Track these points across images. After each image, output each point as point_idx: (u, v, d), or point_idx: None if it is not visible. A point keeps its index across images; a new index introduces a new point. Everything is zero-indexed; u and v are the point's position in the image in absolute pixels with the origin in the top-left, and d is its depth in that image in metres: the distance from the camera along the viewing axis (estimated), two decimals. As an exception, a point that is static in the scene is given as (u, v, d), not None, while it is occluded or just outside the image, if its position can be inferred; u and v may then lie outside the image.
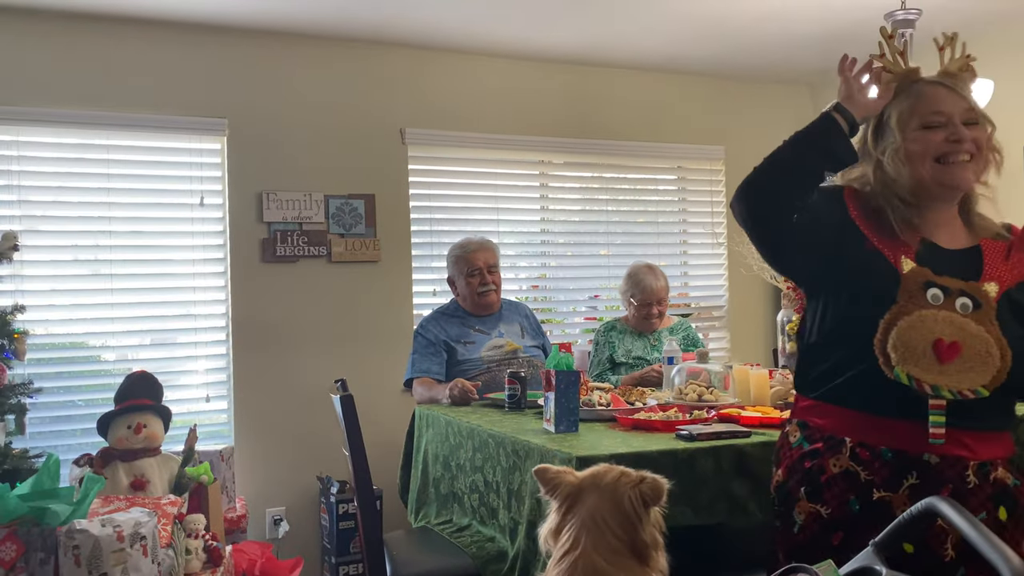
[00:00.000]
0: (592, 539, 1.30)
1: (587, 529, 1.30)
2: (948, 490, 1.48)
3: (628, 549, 1.31)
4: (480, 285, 3.22)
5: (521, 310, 3.45)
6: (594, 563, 1.29)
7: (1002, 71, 3.68)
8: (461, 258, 3.27)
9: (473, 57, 4.12)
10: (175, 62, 3.59)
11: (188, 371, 3.68)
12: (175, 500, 2.43)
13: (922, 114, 1.62)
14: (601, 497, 1.38)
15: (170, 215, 3.63)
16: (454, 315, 3.28)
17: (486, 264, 3.24)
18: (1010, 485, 1.51)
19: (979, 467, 1.50)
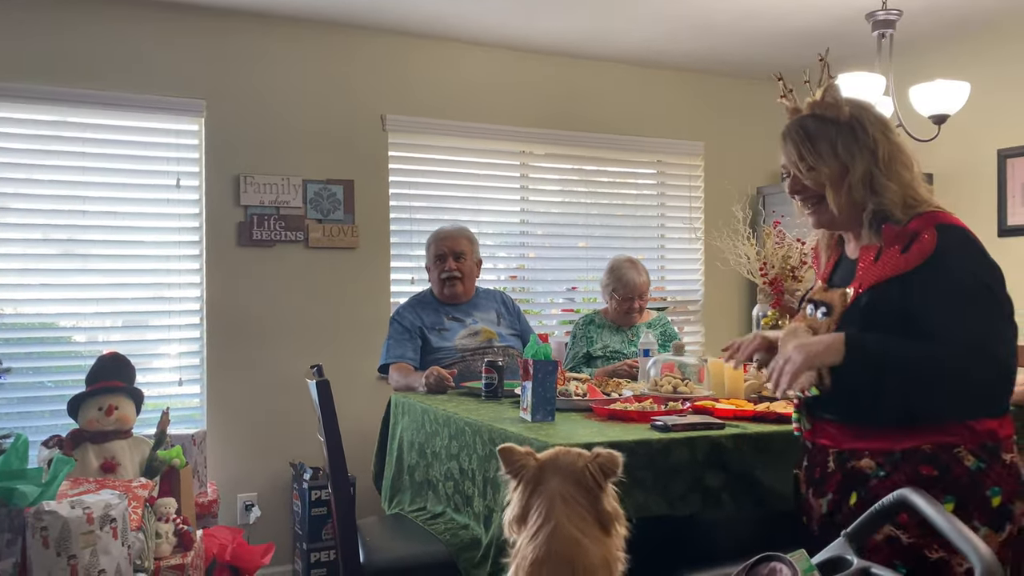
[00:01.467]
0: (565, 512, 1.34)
1: (558, 504, 1.35)
2: (818, 471, 1.72)
3: (594, 520, 1.37)
4: (443, 272, 3.22)
5: (497, 297, 3.43)
6: (571, 533, 1.32)
7: (978, 74, 3.73)
8: (431, 244, 3.30)
9: (457, 45, 4.11)
10: (155, 42, 3.54)
11: (161, 354, 3.64)
12: (146, 483, 2.41)
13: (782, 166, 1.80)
14: (563, 475, 1.45)
15: (146, 196, 3.58)
16: (429, 303, 3.27)
17: (451, 251, 3.23)
18: (870, 474, 1.59)
19: (838, 455, 1.67)
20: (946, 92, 3.02)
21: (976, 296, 1.55)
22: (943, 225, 1.59)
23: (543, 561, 1.31)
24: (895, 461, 1.57)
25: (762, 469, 2.02)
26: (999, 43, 3.88)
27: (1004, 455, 1.57)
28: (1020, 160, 3.78)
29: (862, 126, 1.69)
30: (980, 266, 1.58)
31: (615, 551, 1.41)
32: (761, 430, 2.05)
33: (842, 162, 1.67)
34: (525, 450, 1.51)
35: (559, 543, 1.32)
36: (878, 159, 1.67)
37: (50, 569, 1.93)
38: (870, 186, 1.67)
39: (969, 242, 1.60)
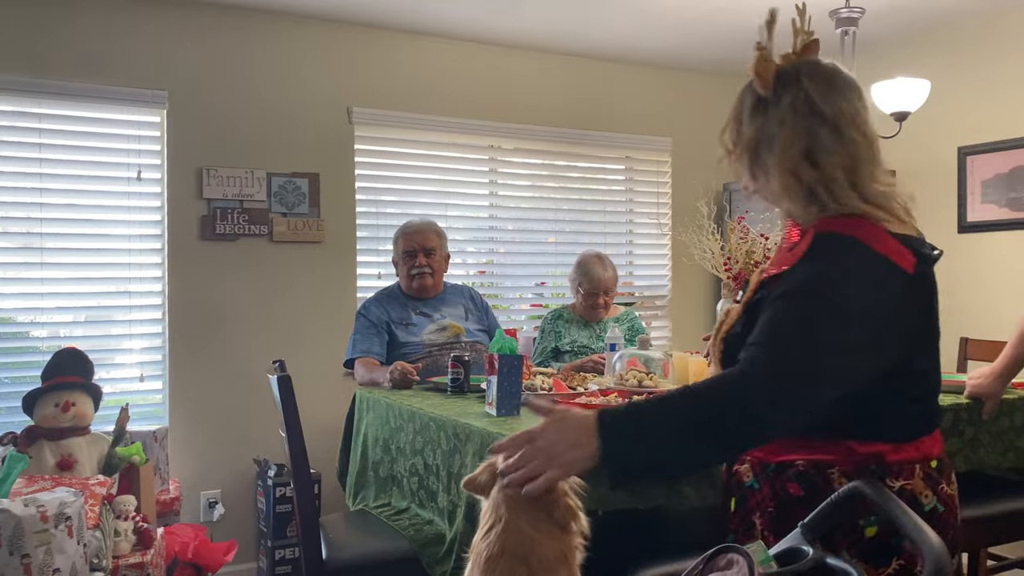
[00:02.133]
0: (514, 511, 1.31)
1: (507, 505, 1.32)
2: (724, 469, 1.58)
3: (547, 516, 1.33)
4: (413, 268, 3.19)
5: (465, 292, 3.41)
6: (519, 526, 1.30)
7: (939, 72, 3.79)
8: (399, 239, 3.26)
9: (425, 38, 4.08)
10: (116, 31, 3.47)
11: (122, 350, 3.58)
12: (104, 481, 2.37)
13: None
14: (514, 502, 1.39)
15: (106, 189, 3.51)
16: (396, 297, 3.25)
17: (421, 246, 3.20)
18: (746, 483, 1.46)
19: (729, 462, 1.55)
20: (907, 89, 3.06)
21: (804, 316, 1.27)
22: (826, 235, 1.35)
23: (497, 557, 1.30)
24: (768, 474, 1.42)
25: (724, 462, 2.03)
26: (959, 43, 3.95)
27: (892, 482, 1.34)
28: (980, 157, 3.85)
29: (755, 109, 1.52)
30: (832, 280, 1.29)
31: (572, 545, 1.39)
32: (724, 423, 2.06)
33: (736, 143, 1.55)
34: (482, 467, 1.49)
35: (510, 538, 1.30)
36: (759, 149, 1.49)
37: (3, 568, 1.88)
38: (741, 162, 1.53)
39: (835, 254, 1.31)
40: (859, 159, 1.41)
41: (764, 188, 1.47)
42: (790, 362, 1.24)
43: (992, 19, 3.82)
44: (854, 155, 1.41)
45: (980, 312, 3.62)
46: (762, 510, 1.42)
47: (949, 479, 1.40)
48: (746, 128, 1.48)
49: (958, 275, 3.80)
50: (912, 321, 1.34)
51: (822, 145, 1.40)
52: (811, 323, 1.26)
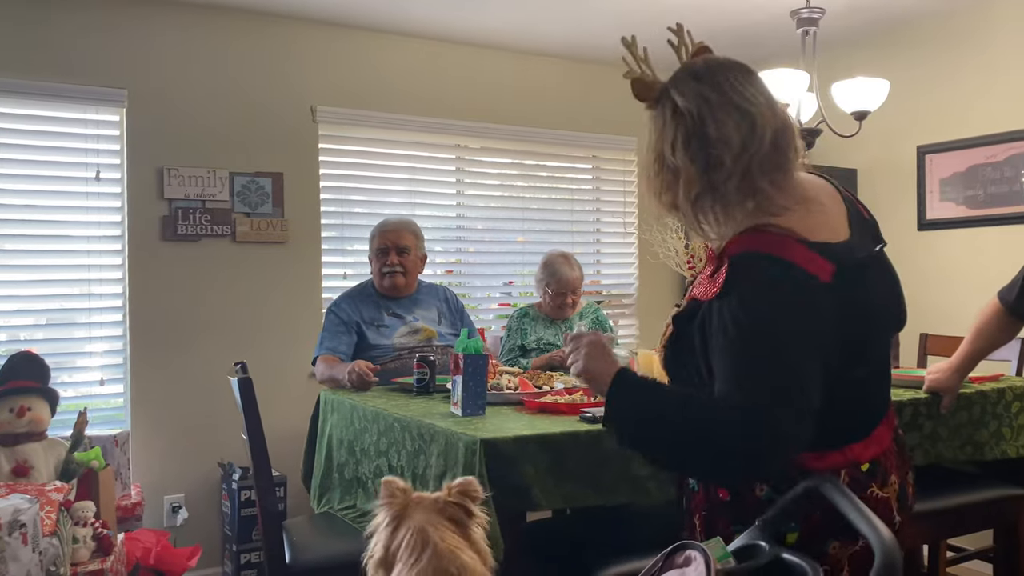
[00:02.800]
0: (439, 535, 1.33)
1: (429, 530, 1.34)
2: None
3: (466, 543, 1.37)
4: (385, 266, 3.15)
5: (440, 294, 3.35)
6: (451, 548, 1.32)
7: (898, 72, 3.85)
8: (374, 236, 3.22)
9: (390, 36, 4.05)
10: (73, 28, 3.40)
11: (82, 353, 3.51)
12: (61, 487, 2.32)
13: None
14: (427, 510, 1.45)
15: (64, 189, 3.44)
16: (369, 295, 3.19)
17: (395, 244, 3.16)
18: (689, 486, 1.48)
19: None
20: (867, 89, 3.10)
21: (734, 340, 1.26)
22: (741, 256, 1.30)
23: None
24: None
25: (688, 459, 2.04)
26: (918, 43, 4.01)
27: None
28: (938, 156, 3.92)
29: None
30: (752, 304, 1.26)
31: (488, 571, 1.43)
32: (687, 420, 2.07)
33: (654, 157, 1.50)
34: (404, 486, 1.51)
35: (444, 560, 1.31)
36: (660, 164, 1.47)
37: (-46, 578, 1.84)
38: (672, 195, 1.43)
39: (757, 279, 1.27)
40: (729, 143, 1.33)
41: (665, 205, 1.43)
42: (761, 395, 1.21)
43: (950, 19, 3.89)
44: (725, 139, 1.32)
45: (940, 308, 3.68)
46: (699, 512, 1.43)
47: (883, 482, 1.36)
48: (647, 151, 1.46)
49: (918, 272, 3.86)
50: (836, 328, 1.28)
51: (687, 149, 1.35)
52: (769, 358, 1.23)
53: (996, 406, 2.52)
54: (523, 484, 1.89)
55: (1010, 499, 2.57)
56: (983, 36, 3.77)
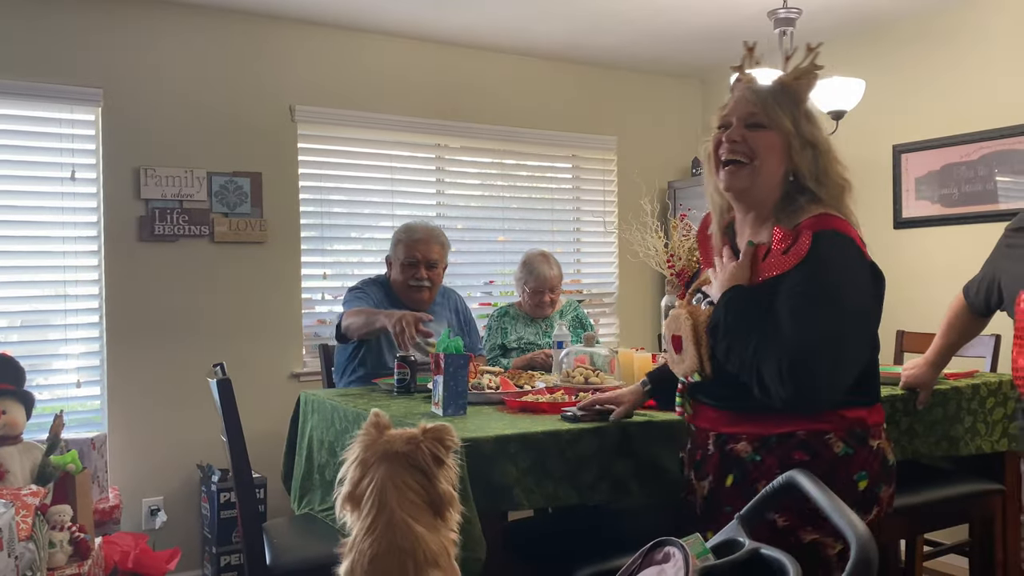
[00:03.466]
0: (398, 499, 1.32)
1: (390, 491, 1.33)
2: (699, 453, 1.75)
3: (426, 504, 1.35)
4: (412, 279, 3.04)
5: (452, 303, 3.29)
6: (405, 521, 1.31)
7: (874, 72, 3.89)
8: (402, 243, 3.08)
9: (369, 36, 4.04)
10: (48, 26, 3.36)
11: (58, 355, 3.47)
12: (37, 491, 2.29)
13: (720, 114, 1.72)
14: (396, 459, 1.42)
15: (38, 189, 3.40)
16: (387, 293, 3.11)
17: (425, 258, 3.05)
18: (746, 458, 1.63)
19: (717, 438, 1.69)
20: (843, 89, 3.13)
21: (822, 303, 1.52)
22: (823, 232, 1.57)
23: (384, 555, 1.29)
24: (770, 446, 1.60)
25: (668, 457, 2.05)
26: (894, 44, 4.05)
27: (871, 441, 1.62)
28: (914, 155, 3.96)
29: (813, 114, 1.70)
30: (837, 275, 1.55)
31: (450, 536, 1.41)
32: (668, 419, 2.08)
33: (795, 132, 1.63)
34: (385, 423, 1.48)
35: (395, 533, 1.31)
36: (819, 145, 1.66)
37: (-73, 585, 1.81)
38: (815, 169, 1.64)
39: (841, 252, 1.57)
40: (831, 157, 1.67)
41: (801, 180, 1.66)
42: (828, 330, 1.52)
43: (925, 20, 3.93)
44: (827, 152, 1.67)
45: (915, 305, 3.72)
46: (769, 478, 1.49)
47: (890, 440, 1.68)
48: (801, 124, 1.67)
49: (894, 270, 3.86)
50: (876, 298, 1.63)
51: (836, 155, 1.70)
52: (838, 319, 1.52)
53: (971, 402, 2.55)
54: (504, 484, 1.89)
55: (985, 493, 2.60)
56: (958, 37, 3.82)
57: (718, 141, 1.68)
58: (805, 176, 1.64)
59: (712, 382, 1.66)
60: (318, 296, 3.99)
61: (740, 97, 1.68)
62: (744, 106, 1.65)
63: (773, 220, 1.65)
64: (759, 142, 1.63)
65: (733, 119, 1.66)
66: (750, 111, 1.64)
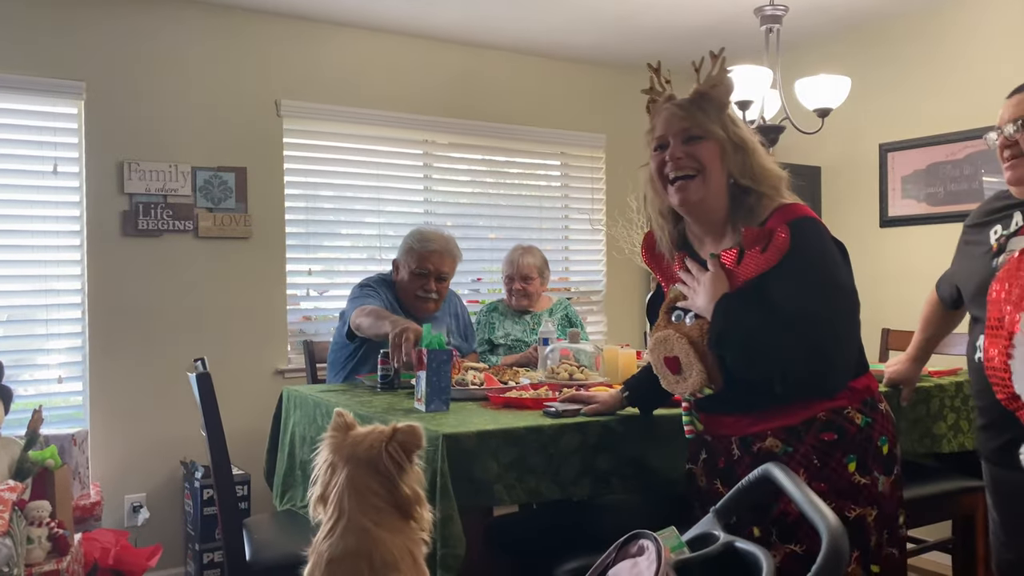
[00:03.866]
0: (355, 503, 1.32)
1: (349, 494, 1.33)
2: (722, 461, 1.75)
3: (391, 507, 1.35)
4: (421, 290, 3.02)
5: (452, 308, 3.27)
6: (362, 525, 1.31)
7: (860, 70, 3.90)
8: (415, 252, 3.04)
9: (355, 30, 4.02)
10: (30, 18, 3.33)
11: (39, 350, 3.44)
12: (15, 486, 2.27)
13: (653, 136, 1.78)
14: (358, 463, 1.41)
15: (19, 183, 3.37)
16: (391, 290, 3.08)
17: (436, 271, 3.02)
18: (778, 452, 1.64)
19: (741, 441, 1.71)
20: (829, 86, 3.13)
21: (823, 285, 1.61)
22: (795, 221, 1.63)
23: (339, 559, 1.29)
24: (798, 434, 1.63)
25: (651, 453, 2.05)
26: (880, 42, 4.06)
27: (880, 405, 1.70)
28: (900, 154, 3.97)
29: (736, 116, 1.76)
30: (825, 257, 1.64)
31: (417, 537, 1.40)
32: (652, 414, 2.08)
33: (728, 137, 1.69)
34: (349, 422, 1.48)
35: (353, 537, 1.30)
36: (747, 145, 1.71)
37: (-101, 580, 1.79)
38: (750, 169, 1.69)
39: (818, 235, 1.65)
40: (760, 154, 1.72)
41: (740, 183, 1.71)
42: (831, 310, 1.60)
43: (912, 20, 3.94)
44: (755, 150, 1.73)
45: (901, 303, 3.73)
46: (806, 466, 1.60)
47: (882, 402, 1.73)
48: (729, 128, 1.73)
49: (880, 268, 3.91)
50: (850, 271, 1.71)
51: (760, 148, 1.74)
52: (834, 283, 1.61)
53: (954, 400, 2.56)
54: (485, 480, 1.88)
55: (968, 491, 2.61)
56: (943, 36, 3.83)
57: (661, 161, 1.74)
58: (743, 177, 1.69)
59: (726, 394, 1.68)
60: (303, 292, 3.97)
61: (669, 115, 1.74)
62: (676, 122, 1.71)
63: (730, 225, 1.71)
64: (701, 153, 1.69)
65: (669, 138, 1.72)
66: (684, 126, 1.70)
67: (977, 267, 1.98)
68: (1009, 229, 1.95)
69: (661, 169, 1.74)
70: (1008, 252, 1.94)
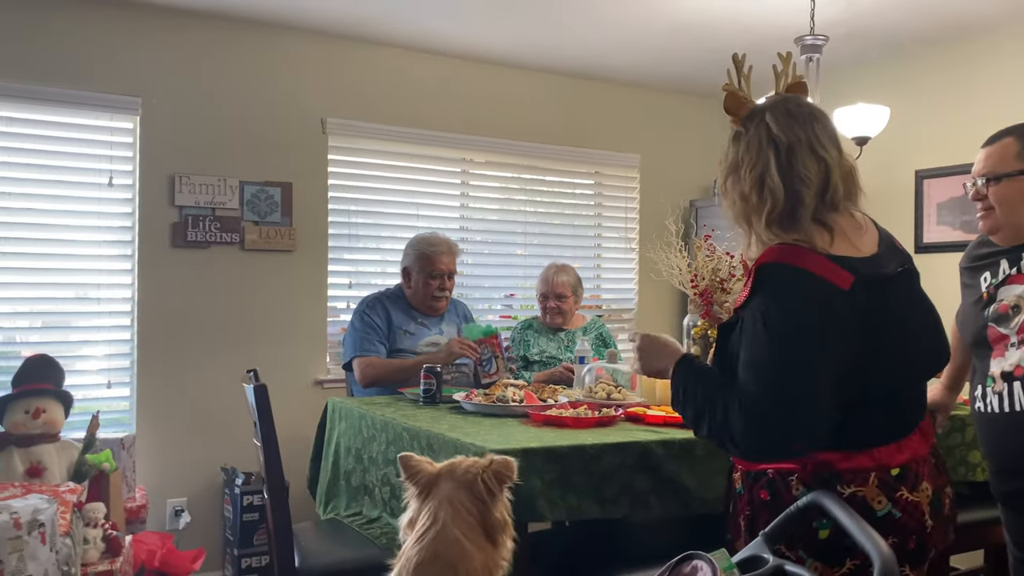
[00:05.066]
0: (450, 515, 1.38)
1: (444, 508, 1.39)
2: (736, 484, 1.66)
3: (481, 528, 1.41)
4: (438, 290, 3.24)
5: (461, 310, 3.48)
6: (454, 534, 1.37)
7: (897, 97, 3.93)
8: (426, 256, 3.24)
9: (399, 51, 4.12)
10: (90, 36, 3.46)
11: (91, 356, 3.55)
12: (74, 488, 2.36)
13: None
14: (456, 483, 1.49)
15: (77, 194, 3.49)
16: (399, 301, 3.29)
17: (448, 270, 3.26)
18: (737, 490, 1.60)
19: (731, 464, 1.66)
20: (867, 115, 3.17)
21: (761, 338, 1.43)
22: (764, 265, 1.47)
23: (428, 564, 1.35)
24: (748, 481, 1.56)
25: (688, 474, 2.10)
26: (917, 69, 4.09)
27: (841, 488, 1.43)
28: (936, 181, 3.99)
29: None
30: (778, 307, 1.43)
31: (499, 560, 1.46)
32: (689, 436, 2.12)
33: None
34: (424, 459, 1.57)
35: (443, 546, 1.36)
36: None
37: (-27, 576, 1.88)
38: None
39: (776, 283, 1.45)
40: (808, 182, 1.50)
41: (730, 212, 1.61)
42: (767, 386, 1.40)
43: (949, 48, 3.97)
44: (804, 178, 1.50)
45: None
46: (744, 514, 1.55)
47: (914, 486, 1.47)
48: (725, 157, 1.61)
49: (914, 294, 3.92)
50: (857, 335, 1.42)
51: (771, 172, 1.51)
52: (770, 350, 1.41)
53: (988, 428, 2.57)
54: (530, 495, 1.94)
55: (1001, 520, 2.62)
56: (980, 64, 3.85)
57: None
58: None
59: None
60: (343, 305, 4.06)
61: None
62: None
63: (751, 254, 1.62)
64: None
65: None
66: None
67: (971, 316, 2.02)
68: (998, 278, 2.01)
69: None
70: (998, 302, 2.00)
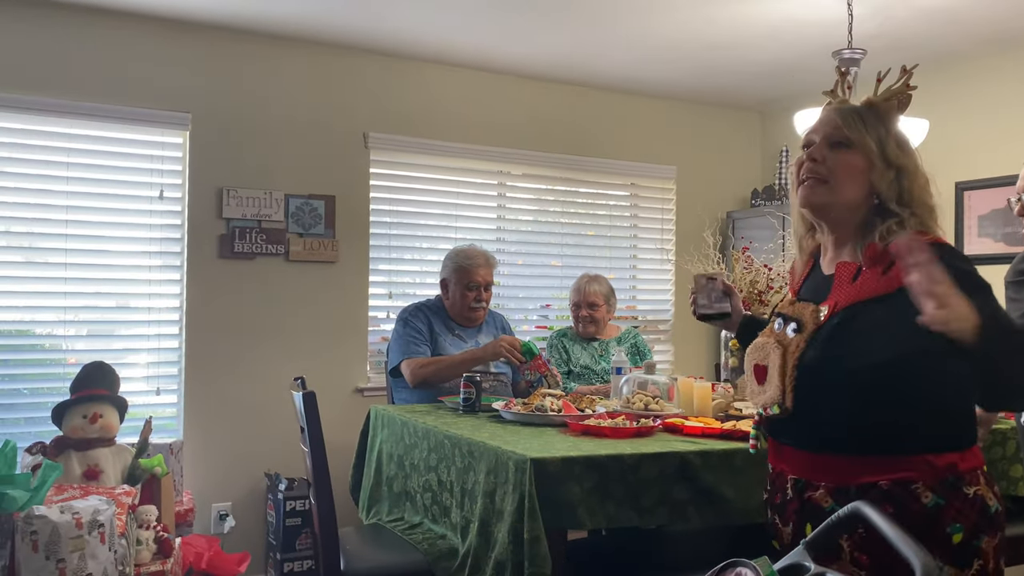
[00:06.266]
0: None
1: None
2: (778, 497, 1.64)
3: None
4: (475, 301, 3.31)
5: (499, 322, 3.53)
6: None
7: (938, 109, 3.91)
8: (463, 269, 3.31)
9: (439, 67, 4.21)
10: (142, 55, 3.59)
11: (140, 364, 3.67)
12: (129, 490, 2.45)
13: (804, 136, 1.69)
14: None
15: (129, 207, 3.62)
16: (438, 312, 3.36)
17: (485, 282, 3.33)
18: (826, 509, 1.50)
19: (796, 483, 1.59)
20: (907, 128, 3.16)
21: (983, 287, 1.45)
22: (937, 246, 1.46)
23: None
24: (849, 497, 1.45)
25: (726, 484, 2.12)
26: (956, 83, 4.07)
27: (966, 489, 1.46)
28: (976, 192, 3.97)
29: (903, 138, 1.64)
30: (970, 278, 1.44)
31: None
32: (726, 447, 2.15)
33: (879, 153, 1.59)
34: None
35: None
36: (906, 171, 1.61)
37: (38, 572, 1.97)
38: (900, 194, 1.59)
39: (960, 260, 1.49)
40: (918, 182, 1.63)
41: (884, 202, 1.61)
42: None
43: (988, 59, 3.95)
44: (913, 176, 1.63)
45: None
46: (851, 533, 1.44)
47: (994, 482, 1.53)
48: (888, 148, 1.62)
49: (954, 306, 3.89)
50: None
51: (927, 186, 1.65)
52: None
53: (1030, 442, 2.56)
54: (570, 502, 1.98)
55: (1043, 535, 2.60)
56: (1020, 76, 3.83)
57: (800, 161, 1.66)
58: (891, 200, 1.58)
59: (791, 418, 1.55)
60: (384, 315, 4.14)
61: (825, 117, 1.65)
62: (828, 125, 1.63)
63: (853, 243, 1.61)
64: (839, 160, 1.60)
65: (817, 137, 1.64)
66: (830, 130, 1.62)
67: None
68: None
69: (799, 167, 1.66)
70: None
